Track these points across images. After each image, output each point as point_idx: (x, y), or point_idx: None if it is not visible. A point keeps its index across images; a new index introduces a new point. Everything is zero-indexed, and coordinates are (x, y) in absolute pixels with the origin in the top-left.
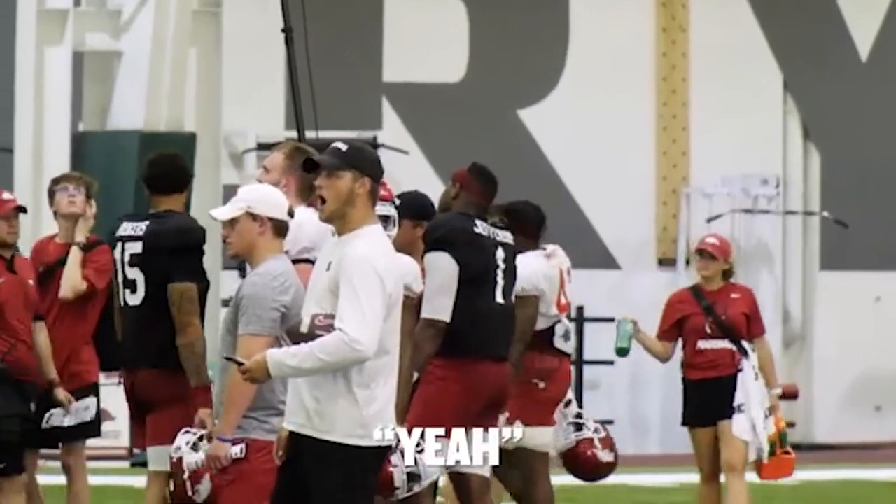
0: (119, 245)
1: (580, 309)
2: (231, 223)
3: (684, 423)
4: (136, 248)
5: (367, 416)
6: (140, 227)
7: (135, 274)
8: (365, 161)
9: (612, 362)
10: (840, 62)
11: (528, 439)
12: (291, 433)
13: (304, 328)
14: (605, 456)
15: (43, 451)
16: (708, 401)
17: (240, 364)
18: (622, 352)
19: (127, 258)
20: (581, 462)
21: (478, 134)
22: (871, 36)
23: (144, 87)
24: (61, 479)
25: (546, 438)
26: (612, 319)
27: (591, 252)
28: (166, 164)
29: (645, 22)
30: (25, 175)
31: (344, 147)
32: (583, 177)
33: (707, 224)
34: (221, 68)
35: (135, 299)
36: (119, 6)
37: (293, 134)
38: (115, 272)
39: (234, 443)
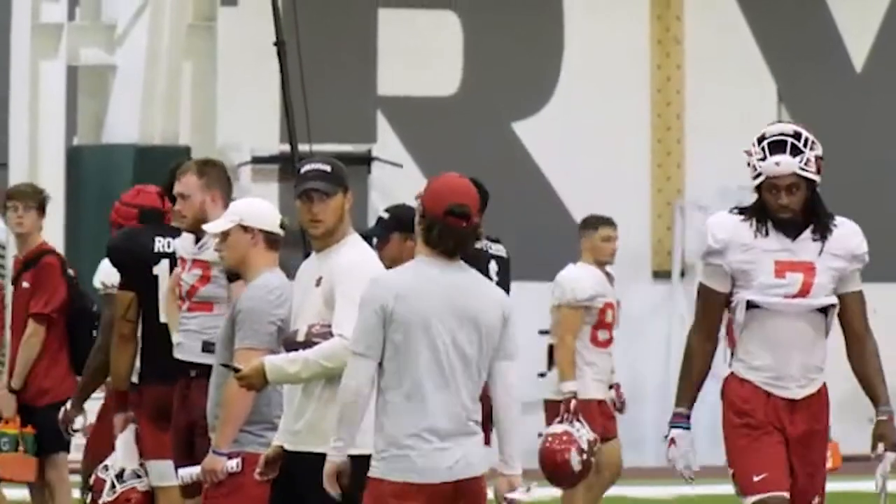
0: (166, 262)
1: None
2: (223, 236)
3: None
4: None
5: (365, 425)
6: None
7: None
8: (346, 177)
9: None
10: (835, 74)
11: None
12: (288, 451)
13: (300, 337)
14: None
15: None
16: None
17: (236, 371)
18: None
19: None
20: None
21: (472, 147)
22: (865, 48)
23: (139, 100)
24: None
25: None
26: None
27: None
28: None
29: (639, 34)
30: None
31: (328, 168)
32: (577, 189)
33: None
34: (216, 82)
35: None
36: (113, 20)
37: (287, 147)
38: (157, 287)
39: (230, 457)
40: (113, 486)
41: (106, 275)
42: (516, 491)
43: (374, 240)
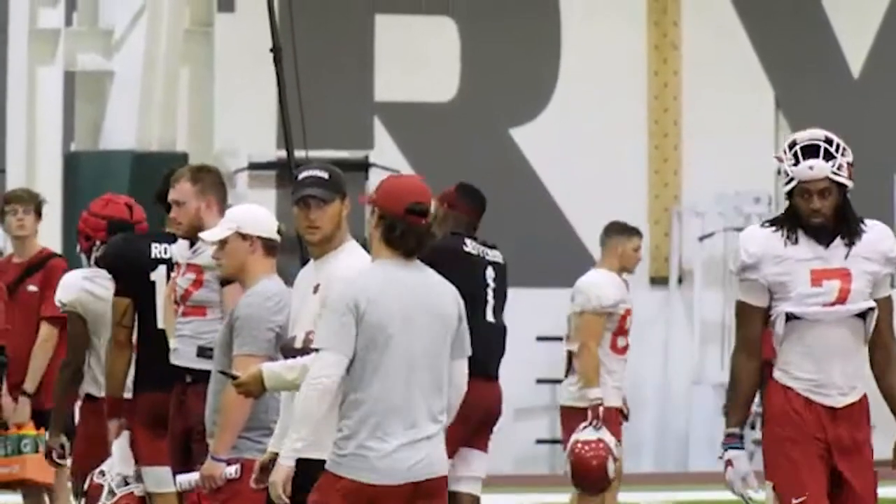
0: (163, 267)
1: None
2: (221, 244)
3: None
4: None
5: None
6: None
7: None
8: (343, 183)
9: None
10: (832, 79)
11: None
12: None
13: (298, 343)
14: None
15: None
16: None
17: (234, 378)
18: None
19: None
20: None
21: (469, 153)
22: (863, 53)
23: (136, 106)
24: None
25: None
26: None
27: (582, 270)
28: None
29: (636, 40)
30: None
31: (325, 174)
32: (574, 195)
33: (699, 242)
34: (213, 88)
35: None
36: (111, 26)
37: (284, 153)
38: (154, 293)
39: (229, 463)
40: (111, 491)
41: (64, 293)
42: None
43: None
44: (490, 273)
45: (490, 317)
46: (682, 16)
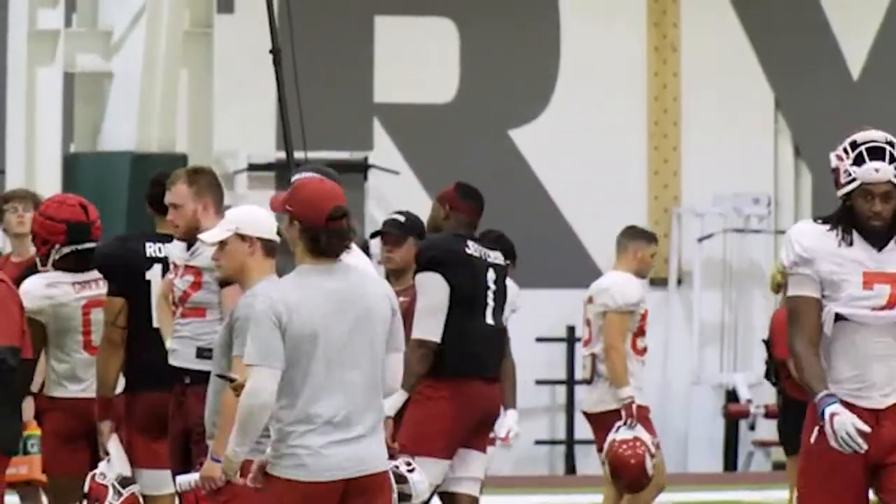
0: (158, 266)
1: (571, 329)
2: (220, 246)
3: (794, 450)
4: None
5: None
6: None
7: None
8: (337, 184)
9: None
10: (831, 81)
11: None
12: None
13: None
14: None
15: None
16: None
17: (231, 381)
18: None
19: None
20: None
21: (469, 154)
22: (862, 55)
23: (136, 107)
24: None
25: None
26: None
27: (581, 272)
28: None
29: (636, 41)
30: None
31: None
32: (574, 196)
33: (699, 244)
34: (212, 89)
35: None
36: (110, 27)
37: (283, 155)
38: (150, 292)
39: None
40: (118, 492)
41: (27, 300)
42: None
43: (375, 246)
44: (491, 275)
45: (490, 319)
46: (681, 17)
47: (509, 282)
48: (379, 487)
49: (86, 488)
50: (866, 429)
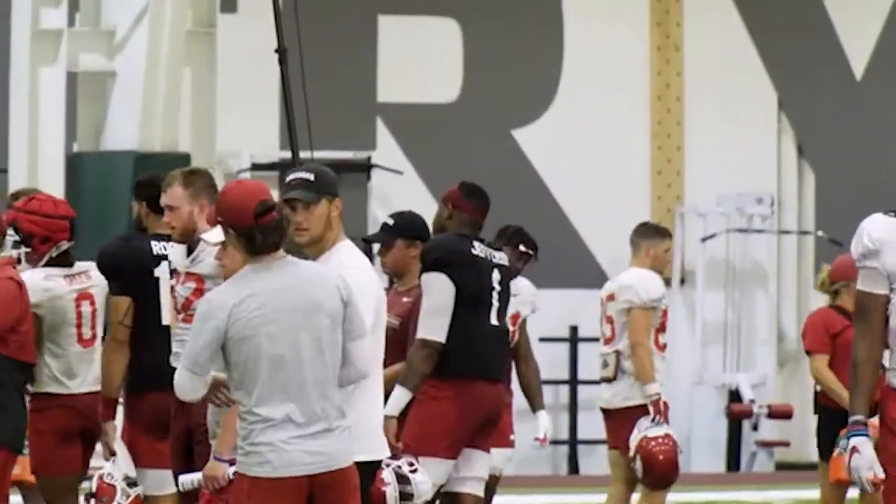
0: (165, 263)
1: (574, 329)
2: (223, 246)
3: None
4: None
5: (363, 431)
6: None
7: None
8: (332, 183)
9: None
10: (834, 81)
11: None
12: None
13: None
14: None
15: None
16: None
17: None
18: None
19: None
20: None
21: (472, 154)
22: (865, 55)
23: (138, 107)
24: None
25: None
26: None
27: (585, 272)
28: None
29: (639, 41)
30: None
31: (311, 176)
32: (577, 196)
33: (702, 243)
34: (216, 89)
35: None
36: (113, 26)
37: (287, 154)
38: (158, 291)
39: (232, 463)
40: (126, 493)
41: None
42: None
43: (376, 246)
44: (496, 276)
45: (494, 320)
46: (684, 17)
47: (527, 282)
48: (345, 482)
49: (93, 488)
50: (881, 476)
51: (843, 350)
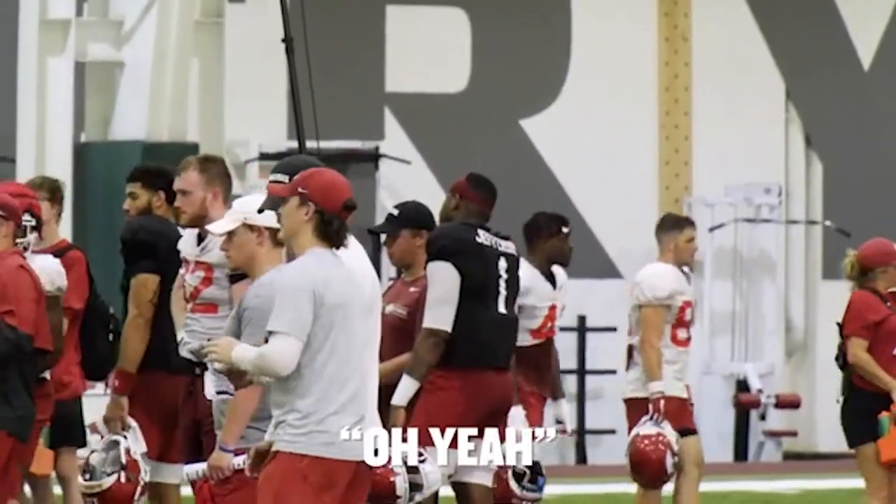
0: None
1: (582, 319)
2: (229, 236)
3: (859, 443)
4: None
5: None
6: None
7: None
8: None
9: (614, 372)
10: (842, 71)
11: None
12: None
13: None
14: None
15: None
16: None
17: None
18: None
19: None
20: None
21: (480, 144)
22: (873, 45)
23: (146, 97)
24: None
25: None
26: (614, 329)
27: (593, 262)
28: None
29: (647, 32)
30: None
31: (284, 177)
32: (585, 186)
33: (710, 233)
34: (224, 79)
35: None
36: (121, 16)
37: (295, 144)
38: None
39: (237, 453)
40: (146, 469)
41: (60, 278)
42: None
43: (383, 236)
44: (503, 264)
45: (502, 308)
46: (692, 7)
47: (559, 270)
48: (368, 474)
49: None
50: None
51: (887, 337)
